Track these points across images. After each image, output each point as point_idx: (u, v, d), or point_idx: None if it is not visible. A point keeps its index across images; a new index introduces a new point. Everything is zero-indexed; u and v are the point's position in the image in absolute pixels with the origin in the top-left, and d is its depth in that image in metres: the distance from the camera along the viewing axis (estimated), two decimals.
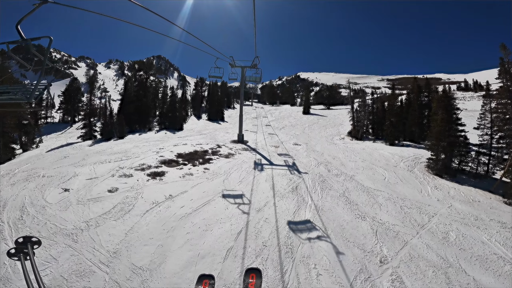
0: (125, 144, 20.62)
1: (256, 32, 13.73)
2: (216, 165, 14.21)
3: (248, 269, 2.29)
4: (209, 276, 2.22)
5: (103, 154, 16.92)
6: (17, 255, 1.98)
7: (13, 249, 2.00)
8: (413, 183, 13.88)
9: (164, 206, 10.03)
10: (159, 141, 21.69)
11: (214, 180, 12.23)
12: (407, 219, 10.54)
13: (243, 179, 12.58)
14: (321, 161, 16.56)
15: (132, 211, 9.71)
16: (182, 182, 11.85)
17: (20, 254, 1.97)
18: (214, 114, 45.51)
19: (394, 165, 16.34)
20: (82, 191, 11.12)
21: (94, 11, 5.97)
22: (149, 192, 10.83)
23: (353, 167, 15.83)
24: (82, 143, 22.01)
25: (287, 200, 11.07)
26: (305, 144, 22.39)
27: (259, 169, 14.13)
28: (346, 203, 11.37)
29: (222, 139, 23.28)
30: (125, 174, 12.33)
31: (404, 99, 27.36)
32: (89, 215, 9.58)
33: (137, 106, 31.24)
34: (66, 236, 8.57)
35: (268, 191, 11.55)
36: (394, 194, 12.49)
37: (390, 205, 11.47)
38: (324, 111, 55.59)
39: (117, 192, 10.84)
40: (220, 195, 10.98)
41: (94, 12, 5.97)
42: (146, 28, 8.24)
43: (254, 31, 13.77)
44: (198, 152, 16.44)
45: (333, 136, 28.04)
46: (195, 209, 9.92)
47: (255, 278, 2.19)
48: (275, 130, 31.91)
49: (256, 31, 13.31)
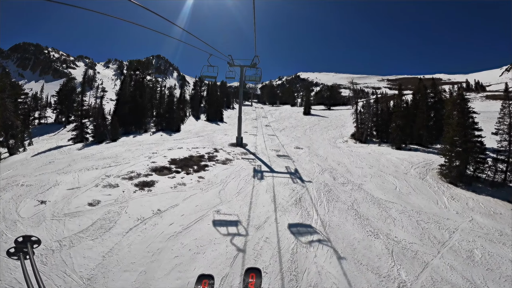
0: (117, 147, 19.43)
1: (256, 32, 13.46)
2: (212, 173, 13.01)
3: (248, 269, 2.27)
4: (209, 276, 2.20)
5: (91, 159, 15.73)
6: (17, 255, 1.97)
7: (13, 249, 1.99)
8: (428, 193, 12.72)
9: (150, 223, 8.85)
10: (154, 144, 20.51)
11: (209, 191, 11.04)
12: (426, 235, 9.40)
13: (241, 190, 11.39)
14: (325, 168, 15.38)
15: (114, 229, 8.52)
16: (173, 193, 10.65)
17: (20, 254, 1.97)
18: (213, 114, 44.36)
19: (404, 172, 15.17)
20: (60, 203, 9.93)
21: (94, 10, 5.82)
22: (135, 206, 9.64)
23: (360, 174, 14.66)
24: (71, 147, 20.82)
25: (290, 214, 9.90)
26: (307, 147, 21.22)
27: (258, 177, 12.95)
28: (356, 217, 10.21)
29: (220, 142, 22.11)
30: (110, 184, 11.14)
31: (410, 100, 26.19)
32: (63, 233, 8.39)
33: (132, 107, 30.06)
34: (35, 256, 7.38)
35: (268, 204, 10.38)
36: (408, 206, 11.32)
37: (405, 220, 10.32)
38: (325, 111, 54.48)
39: (98, 205, 9.65)
40: (215, 209, 9.79)
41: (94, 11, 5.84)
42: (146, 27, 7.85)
43: (254, 29, 12.97)
44: (194, 158, 15.25)
45: (336, 139, 26.88)
46: (185, 227, 8.74)
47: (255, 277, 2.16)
48: (275, 132, 30.77)
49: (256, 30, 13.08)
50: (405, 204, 11.54)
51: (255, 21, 11.23)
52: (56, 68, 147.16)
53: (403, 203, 11.54)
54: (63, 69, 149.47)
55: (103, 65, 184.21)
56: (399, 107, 21.71)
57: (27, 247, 2.04)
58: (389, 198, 11.92)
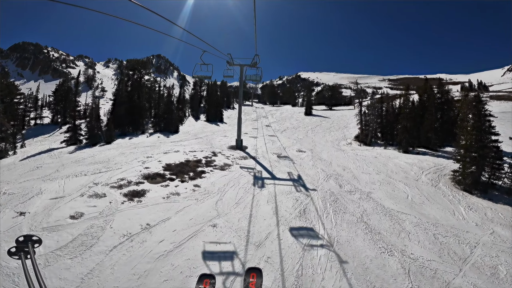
0: (111, 150, 18.50)
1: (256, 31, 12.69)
2: (209, 181, 12.05)
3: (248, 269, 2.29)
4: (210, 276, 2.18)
5: (81, 164, 14.81)
6: (18, 254, 1.98)
7: (14, 248, 2.00)
8: (442, 203, 11.76)
9: (138, 240, 7.91)
10: (149, 147, 19.58)
11: (205, 202, 10.09)
12: (445, 251, 8.49)
13: (240, 200, 10.44)
14: (330, 173, 14.43)
15: (96, 246, 7.58)
16: (165, 205, 9.71)
17: (21, 253, 1.97)
18: (213, 115, 43.45)
19: (415, 178, 14.20)
20: (40, 215, 9.01)
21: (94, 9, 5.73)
22: (122, 220, 8.70)
23: (368, 181, 13.70)
24: (63, 150, 19.90)
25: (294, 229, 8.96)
26: (309, 150, 20.26)
27: (259, 185, 12.00)
28: (367, 231, 9.27)
29: (219, 145, 21.17)
30: (96, 194, 10.20)
31: (416, 100, 25.20)
32: (39, 250, 7.46)
33: (129, 108, 29.16)
34: (6, 276, 6.51)
35: (270, 217, 9.43)
36: (423, 217, 10.38)
37: (420, 233, 9.38)
38: (326, 112, 53.51)
39: (81, 219, 8.71)
40: (211, 223, 8.85)
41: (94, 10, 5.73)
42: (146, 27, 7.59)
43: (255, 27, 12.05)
44: (190, 163, 14.30)
45: (339, 141, 25.91)
46: (177, 244, 7.79)
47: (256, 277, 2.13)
48: (276, 133, 29.82)
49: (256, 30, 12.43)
50: (419, 215, 10.59)
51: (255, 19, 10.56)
52: (55, 68, 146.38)
53: (417, 214, 10.60)
54: (63, 68, 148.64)
55: (103, 64, 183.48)
56: (406, 108, 20.70)
57: (28, 247, 2.02)
58: (401, 208, 10.97)
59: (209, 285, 2.17)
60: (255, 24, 11.60)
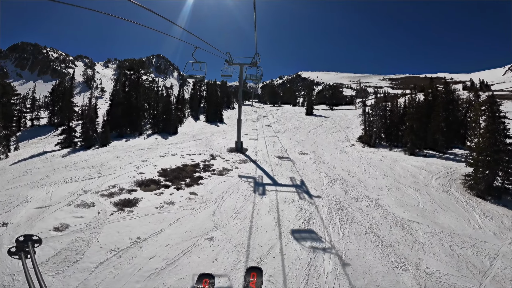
0: (105, 154, 17.79)
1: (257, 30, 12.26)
2: (207, 187, 11.32)
3: (249, 268, 2.25)
4: (209, 275, 2.16)
5: (72, 169, 14.10)
6: (18, 254, 1.96)
7: (14, 248, 1.97)
8: (456, 210, 11.03)
9: (127, 255, 7.18)
10: (146, 150, 18.86)
11: (202, 212, 9.36)
12: (463, 264, 7.77)
13: (240, 209, 9.71)
14: (335, 178, 13.69)
15: (80, 262, 6.87)
16: (158, 216, 8.98)
17: (21, 253, 1.95)
18: (213, 115, 42.74)
19: (424, 183, 13.45)
20: (23, 226, 8.29)
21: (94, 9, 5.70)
22: (110, 233, 7.98)
23: (375, 186, 12.96)
24: (56, 153, 19.17)
25: (298, 242, 8.23)
26: (312, 152, 19.52)
27: (260, 192, 11.26)
28: (377, 243, 8.53)
29: (218, 147, 20.44)
30: (85, 203, 9.48)
31: (421, 100, 24.43)
32: (18, 265, 6.76)
33: (126, 108, 28.44)
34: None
35: (272, 229, 8.70)
36: (436, 227, 9.64)
37: (435, 245, 8.65)
38: (327, 112, 52.76)
39: (65, 231, 7.99)
40: (208, 237, 8.13)
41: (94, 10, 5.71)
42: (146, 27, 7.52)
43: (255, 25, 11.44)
44: (187, 167, 13.57)
45: (342, 142, 25.17)
46: (170, 261, 7.07)
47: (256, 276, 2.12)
48: (277, 134, 29.10)
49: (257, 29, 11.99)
50: (432, 224, 9.86)
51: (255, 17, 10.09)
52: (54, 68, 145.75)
53: (430, 223, 9.86)
54: (62, 68, 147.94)
55: (103, 64, 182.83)
56: (412, 108, 19.90)
57: (28, 246, 1.98)
58: (413, 217, 10.24)
59: (208, 285, 2.16)
60: (255, 21, 11.08)
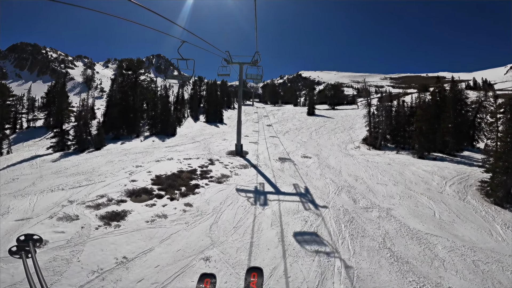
0: (98, 158, 16.92)
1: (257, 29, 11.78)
2: (204, 197, 10.41)
3: (249, 268, 2.23)
4: (211, 275, 2.15)
5: (62, 175, 13.24)
6: (19, 253, 1.94)
7: (15, 247, 1.96)
8: (475, 220, 10.11)
9: (111, 278, 6.29)
10: (141, 154, 17.98)
11: (197, 227, 8.45)
12: (489, 282, 6.92)
13: (240, 223, 8.80)
14: (341, 185, 12.77)
15: (58, 285, 5.96)
16: (149, 231, 8.08)
17: (22, 252, 1.94)
18: (212, 115, 41.92)
19: (438, 190, 12.52)
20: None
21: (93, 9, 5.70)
22: (93, 251, 7.09)
23: (385, 193, 12.04)
24: (47, 157, 18.31)
25: (303, 261, 7.33)
26: (315, 156, 18.60)
27: (261, 202, 10.35)
28: (392, 261, 7.63)
29: (217, 150, 19.55)
30: (68, 216, 8.59)
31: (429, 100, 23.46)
32: None
33: (123, 109, 27.58)
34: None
35: (275, 246, 7.80)
36: (456, 240, 8.74)
37: (457, 261, 7.76)
38: (329, 111, 51.85)
39: (44, 248, 7.10)
40: (203, 256, 7.23)
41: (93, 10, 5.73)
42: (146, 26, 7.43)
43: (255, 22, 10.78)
44: (183, 174, 12.67)
45: (346, 144, 24.23)
46: (160, 285, 6.18)
47: (257, 277, 2.12)
48: (279, 135, 28.20)
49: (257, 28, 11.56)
50: (452, 237, 8.95)
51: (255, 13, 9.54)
52: (54, 68, 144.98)
53: (449, 236, 8.95)
54: (61, 69, 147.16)
55: (103, 64, 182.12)
56: (421, 108, 18.93)
57: (29, 246, 1.95)
58: (429, 229, 9.32)
59: (209, 285, 2.09)
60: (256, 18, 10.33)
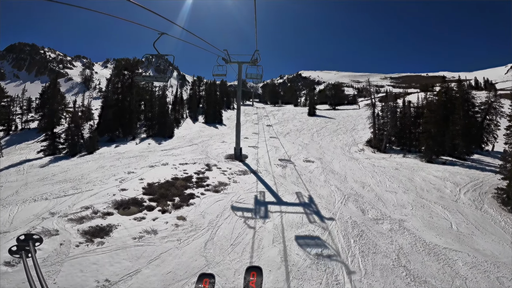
0: (89, 163, 16.02)
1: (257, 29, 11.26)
2: (199, 209, 9.51)
3: (249, 267, 2.23)
4: (209, 275, 2.17)
5: (47, 183, 12.35)
6: (19, 253, 1.97)
7: (15, 247, 1.99)
8: (495, 232, 9.26)
9: None
10: (135, 158, 17.09)
11: (191, 244, 7.56)
12: None
13: (238, 239, 7.91)
14: (347, 193, 11.89)
15: None
16: (136, 250, 7.19)
17: (22, 252, 1.97)
18: (211, 116, 40.99)
19: (452, 198, 11.64)
20: None
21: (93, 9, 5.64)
22: (72, 272, 6.21)
23: (396, 202, 11.16)
24: (36, 162, 17.39)
25: (309, 284, 6.47)
26: (318, 160, 17.72)
27: (261, 214, 9.47)
28: (409, 280, 6.81)
29: (215, 153, 18.66)
30: (47, 230, 7.70)
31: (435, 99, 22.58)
32: None
33: (118, 110, 26.67)
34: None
35: (277, 267, 6.91)
36: (478, 255, 7.90)
37: (480, 278, 6.95)
38: (330, 112, 50.93)
39: (17, 266, 6.23)
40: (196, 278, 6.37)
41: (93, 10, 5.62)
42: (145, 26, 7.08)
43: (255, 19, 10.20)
44: (178, 182, 11.77)
45: (349, 146, 23.35)
46: None
47: (256, 276, 2.12)
48: (279, 137, 27.31)
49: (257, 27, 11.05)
50: (473, 251, 8.09)
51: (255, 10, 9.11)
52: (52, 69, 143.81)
53: (470, 251, 8.10)
54: (60, 69, 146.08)
55: (101, 65, 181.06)
56: (431, 111, 17.99)
57: (29, 245, 1.99)
58: (447, 243, 8.46)
59: (208, 285, 2.11)
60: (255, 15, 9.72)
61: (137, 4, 5.21)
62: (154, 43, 7.65)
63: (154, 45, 7.65)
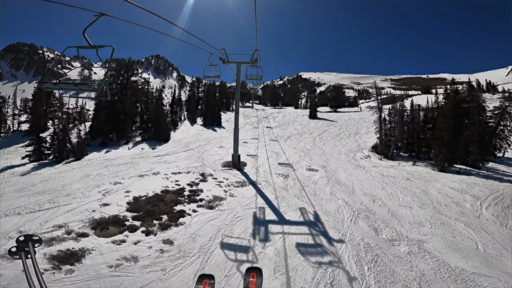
0: (74, 171, 14.82)
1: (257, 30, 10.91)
2: (189, 230, 8.29)
3: (248, 268, 2.19)
4: (209, 276, 2.12)
5: (24, 194, 11.14)
6: (18, 254, 1.95)
7: (14, 248, 1.97)
8: None
9: None
10: (125, 165, 15.88)
11: (177, 275, 6.34)
12: None
13: (233, 269, 6.70)
14: (357, 208, 10.69)
15: None
16: (110, 281, 5.91)
17: (21, 253, 1.94)
18: (210, 118, 39.88)
19: (474, 214, 10.46)
20: None
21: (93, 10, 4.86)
22: None
23: (412, 220, 9.97)
24: (17, 170, 16.18)
25: None
26: (322, 168, 16.53)
27: (261, 236, 8.25)
28: None
29: (212, 160, 17.48)
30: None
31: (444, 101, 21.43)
32: None
33: (111, 113, 25.51)
34: None
35: None
36: (510, 279, 6.77)
37: None
38: (331, 114, 49.85)
39: None
40: None
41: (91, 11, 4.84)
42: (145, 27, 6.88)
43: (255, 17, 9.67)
44: (167, 196, 10.55)
45: (354, 152, 22.18)
46: None
47: (256, 277, 2.08)
48: (280, 141, 26.14)
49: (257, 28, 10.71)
50: (504, 276, 6.95)
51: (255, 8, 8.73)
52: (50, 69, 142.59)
53: (500, 275, 6.95)
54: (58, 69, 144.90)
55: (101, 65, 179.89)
56: (444, 116, 16.82)
57: (28, 246, 1.97)
58: (475, 266, 7.28)
59: (208, 285, 2.07)
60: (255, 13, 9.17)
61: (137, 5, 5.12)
62: (84, 31, 4.40)
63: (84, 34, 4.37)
